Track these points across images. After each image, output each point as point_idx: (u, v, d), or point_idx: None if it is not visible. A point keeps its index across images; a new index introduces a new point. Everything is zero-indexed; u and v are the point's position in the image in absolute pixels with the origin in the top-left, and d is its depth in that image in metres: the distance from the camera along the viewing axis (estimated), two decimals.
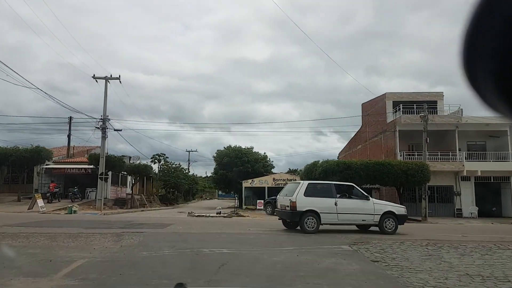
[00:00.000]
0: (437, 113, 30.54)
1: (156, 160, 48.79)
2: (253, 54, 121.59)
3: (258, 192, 37.89)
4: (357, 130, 42.08)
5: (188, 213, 23.80)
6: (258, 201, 34.14)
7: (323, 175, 24.79)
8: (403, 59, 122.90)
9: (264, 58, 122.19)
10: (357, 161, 25.72)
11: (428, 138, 26.69)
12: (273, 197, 27.97)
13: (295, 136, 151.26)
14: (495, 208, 30.15)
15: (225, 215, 23.05)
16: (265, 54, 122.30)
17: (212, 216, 22.22)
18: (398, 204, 31.23)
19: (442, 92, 32.70)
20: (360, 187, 30.16)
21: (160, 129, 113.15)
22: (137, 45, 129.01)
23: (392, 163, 25.04)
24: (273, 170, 44.87)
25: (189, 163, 67.65)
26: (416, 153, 30.50)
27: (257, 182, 37.07)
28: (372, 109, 36.83)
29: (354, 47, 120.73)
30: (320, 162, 26.57)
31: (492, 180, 29.81)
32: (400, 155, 30.34)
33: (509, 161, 29.21)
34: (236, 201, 39.83)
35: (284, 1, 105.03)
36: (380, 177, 24.73)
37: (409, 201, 29.39)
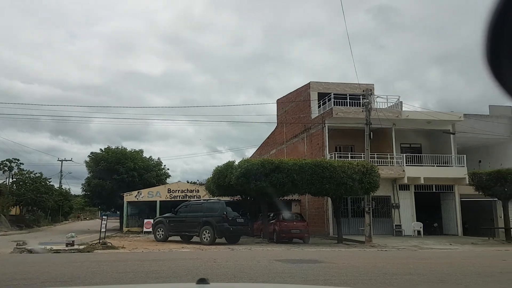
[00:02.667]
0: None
1: (5, 168, 35.77)
2: (146, 68, 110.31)
3: (148, 209, 28.55)
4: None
5: (17, 245, 13.84)
6: (145, 220, 24.91)
7: (242, 180, 16.93)
8: (288, 82, 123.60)
9: (158, 72, 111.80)
10: (289, 160, 18.40)
11: (371, 133, 20.67)
12: (167, 214, 19.21)
13: (191, 152, 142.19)
14: (436, 224, 25.31)
15: (82, 247, 13.64)
16: (159, 69, 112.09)
17: (55, 252, 12.75)
18: (331, 221, 25.11)
19: (373, 84, 27.51)
20: (282, 198, 23.34)
21: (40, 143, 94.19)
22: (15, 51, 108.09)
23: (334, 165, 18.24)
24: (168, 181, 35.65)
25: (61, 175, 54.47)
26: (349, 155, 24.45)
27: (145, 195, 27.64)
28: (292, 104, 30.39)
29: (245, 68, 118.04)
30: (237, 162, 18.67)
31: (434, 189, 24.98)
32: (330, 157, 23.98)
33: (452, 166, 24.68)
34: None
35: (177, 18, 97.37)
36: (319, 182, 17.69)
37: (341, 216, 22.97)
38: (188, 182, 44.22)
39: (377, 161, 23.55)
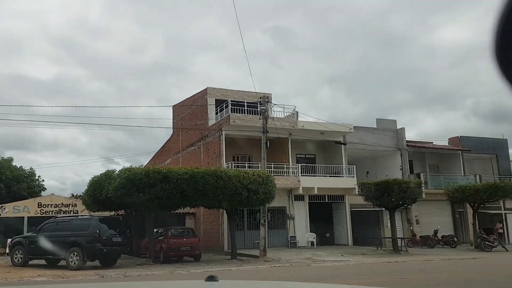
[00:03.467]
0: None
1: None
2: (35, 72, 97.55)
3: (15, 226, 24.20)
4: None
5: None
6: (8, 240, 20.92)
7: (122, 192, 14.68)
8: (190, 94, 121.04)
9: (49, 77, 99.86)
10: (180, 168, 16.61)
11: (268, 142, 19.94)
12: (28, 234, 16.04)
13: (83, 162, 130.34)
14: (328, 234, 25.55)
15: None
16: (50, 74, 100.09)
17: None
18: (226, 235, 23.67)
19: (271, 94, 27.11)
20: (174, 212, 21.40)
21: None
22: None
23: (229, 174, 16.96)
24: (43, 194, 31.11)
25: None
26: (247, 165, 23.49)
27: (10, 210, 23.39)
28: (189, 110, 28.69)
29: (145, 77, 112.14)
30: (117, 171, 16.28)
31: (327, 200, 25.22)
32: (227, 166, 22.77)
33: (343, 176, 25.19)
34: None
35: (71, 22, 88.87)
36: (212, 193, 16.22)
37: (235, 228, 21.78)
38: (72, 195, 39.28)
39: (273, 171, 22.93)
